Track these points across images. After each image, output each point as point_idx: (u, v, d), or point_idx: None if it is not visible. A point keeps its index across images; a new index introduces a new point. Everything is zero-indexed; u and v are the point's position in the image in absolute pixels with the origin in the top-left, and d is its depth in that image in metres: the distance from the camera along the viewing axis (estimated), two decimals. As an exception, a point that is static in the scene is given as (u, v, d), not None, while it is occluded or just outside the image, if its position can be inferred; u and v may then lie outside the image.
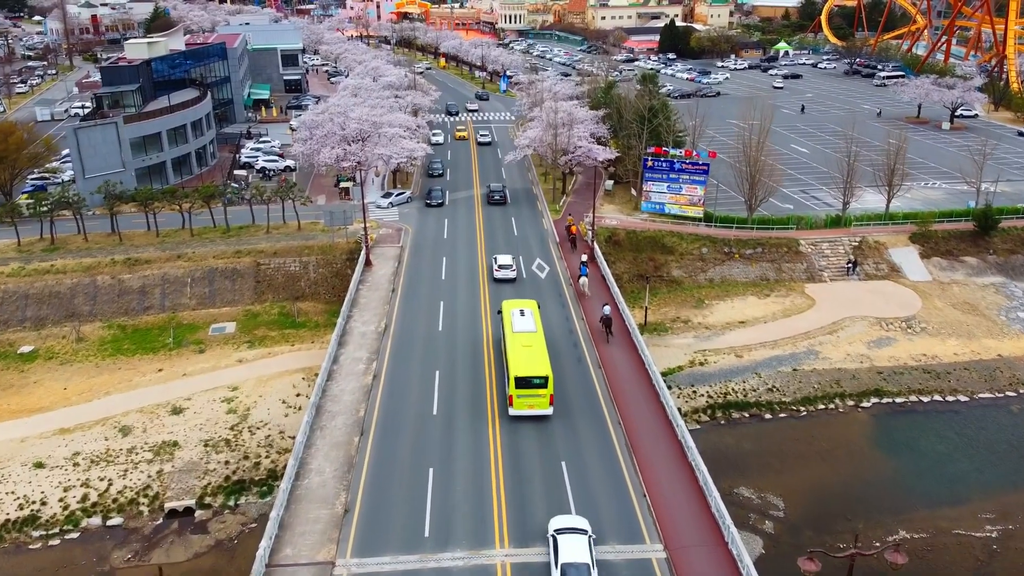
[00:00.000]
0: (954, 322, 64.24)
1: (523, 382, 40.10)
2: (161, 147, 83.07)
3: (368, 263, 62.98)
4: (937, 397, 55.01)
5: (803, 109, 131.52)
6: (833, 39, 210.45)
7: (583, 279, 58.56)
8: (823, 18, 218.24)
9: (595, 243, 65.27)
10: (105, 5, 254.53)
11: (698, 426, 50.27)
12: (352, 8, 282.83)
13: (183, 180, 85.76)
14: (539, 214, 76.94)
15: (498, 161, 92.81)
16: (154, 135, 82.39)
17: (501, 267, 60.26)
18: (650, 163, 74.31)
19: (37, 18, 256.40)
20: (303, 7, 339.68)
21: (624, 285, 66.53)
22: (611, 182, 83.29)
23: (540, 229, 72.63)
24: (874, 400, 54.23)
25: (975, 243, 74.94)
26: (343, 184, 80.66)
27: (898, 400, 54.42)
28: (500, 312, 48.20)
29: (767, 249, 71.92)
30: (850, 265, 71.42)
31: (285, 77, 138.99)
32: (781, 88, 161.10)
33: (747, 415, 52.09)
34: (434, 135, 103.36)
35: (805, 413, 52.65)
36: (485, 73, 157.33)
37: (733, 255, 71.13)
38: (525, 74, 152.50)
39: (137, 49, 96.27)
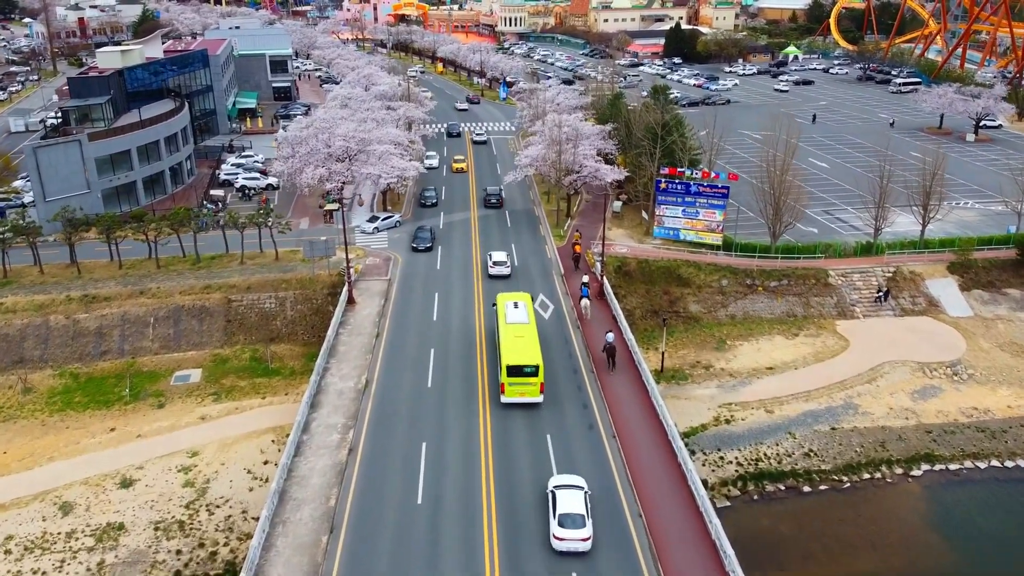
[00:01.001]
0: (1004, 367, 57.61)
1: (515, 370, 41.62)
2: (131, 166, 76.39)
3: (351, 301, 56.35)
4: (995, 462, 48.33)
5: (815, 119, 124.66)
6: (843, 43, 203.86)
7: (584, 301, 54.17)
8: (832, 21, 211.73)
9: (604, 278, 58.58)
10: (95, 7, 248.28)
11: (728, 503, 43.60)
12: (349, 10, 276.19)
13: (156, 200, 79.14)
14: (541, 239, 70.26)
15: (498, 178, 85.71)
16: (123, 153, 75.71)
17: (496, 263, 61.45)
18: (663, 185, 67.67)
19: (27, 20, 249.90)
20: (299, 9, 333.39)
21: (636, 322, 60.04)
22: (619, 203, 76.64)
23: (543, 258, 65.97)
24: (925, 467, 47.50)
25: (1018, 273, 68.29)
26: (328, 206, 74.02)
27: (952, 467, 47.71)
28: (495, 305, 50.25)
29: (793, 281, 65.27)
30: (881, 294, 64.91)
31: (274, 84, 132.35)
32: (785, 92, 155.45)
33: (783, 487, 45.38)
34: (428, 157, 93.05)
35: (849, 484, 45.94)
36: (484, 80, 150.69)
37: (756, 288, 64.49)
38: (526, 80, 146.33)
39: (109, 58, 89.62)
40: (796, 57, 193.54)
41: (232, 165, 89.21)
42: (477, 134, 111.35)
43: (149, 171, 78.62)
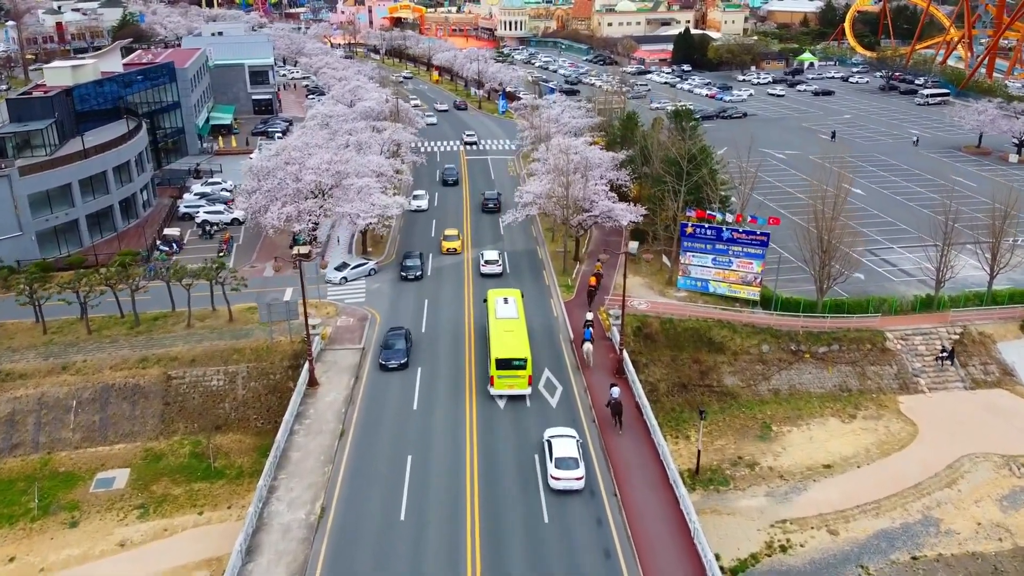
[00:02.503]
0: (1107, 459, 47.46)
1: (504, 363, 43.29)
2: (72, 201, 66.12)
3: (312, 382, 46.07)
4: None
5: (834, 136, 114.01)
6: (861, 49, 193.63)
7: (587, 345, 48.41)
8: (847, 25, 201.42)
9: (624, 351, 48.18)
10: (77, 11, 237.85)
11: None
12: (343, 12, 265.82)
13: (103, 239, 68.94)
14: (545, 292, 59.88)
15: (495, 221, 73.76)
16: (63, 187, 65.50)
17: (488, 262, 61.38)
18: (690, 230, 57.43)
19: (12, 23, 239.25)
20: (292, 11, 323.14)
21: (661, 399, 50.01)
22: (635, 243, 66.27)
23: (548, 317, 55.60)
24: (1039, 617, 37.42)
25: (1106, 333, 58.17)
26: (297, 249, 63.78)
27: (1073, 615, 37.60)
28: (485, 300, 51.75)
29: (845, 346, 55.06)
30: (945, 355, 54.88)
31: (254, 97, 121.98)
32: (781, 96, 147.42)
33: (863, 657, 35.25)
34: (416, 197, 78.05)
35: (947, 648, 35.81)
36: (482, 91, 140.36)
37: (802, 355, 54.27)
38: (527, 91, 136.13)
39: (59, 75, 79.50)
40: (812, 64, 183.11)
41: (195, 195, 78.93)
42: (467, 134, 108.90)
43: (95, 206, 68.34)
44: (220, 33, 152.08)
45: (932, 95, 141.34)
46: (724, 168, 66.02)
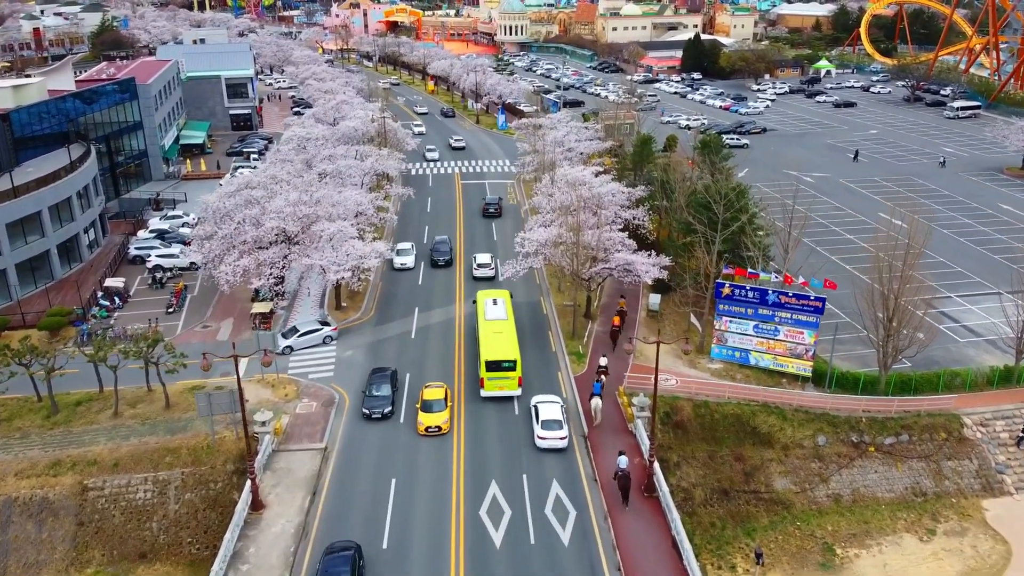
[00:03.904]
0: None
1: (493, 365, 43.47)
2: (-4, 249, 56.59)
3: (256, 505, 36.27)
4: None
5: (857, 156, 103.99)
6: (878, 56, 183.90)
7: (595, 401, 43.12)
8: (863, 30, 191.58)
9: (655, 462, 38.21)
10: (59, 15, 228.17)
11: None
12: (338, 16, 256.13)
13: (37, 289, 59.27)
14: (551, 362, 49.79)
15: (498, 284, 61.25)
16: (-16, 233, 55.96)
17: (480, 265, 60.70)
18: (727, 290, 47.67)
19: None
20: (286, 14, 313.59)
21: (697, 510, 40.42)
22: (657, 297, 56.40)
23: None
24: None
25: None
26: (257, 308, 54.01)
27: None
28: (475, 301, 51.87)
29: (916, 435, 45.35)
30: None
31: (232, 111, 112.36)
32: (773, 102, 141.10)
33: None
34: (401, 252, 64.00)
35: None
36: (480, 104, 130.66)
37: (866, 448, 44.57)
38: (528, 103, 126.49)
39: (-3, 95, 69.69)
40: (829, 72, 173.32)
41: (150, 232, 69.16)
42: (455, 138, 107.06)
43: (25, 253, 58.66)
44: (202, 40, 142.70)
45: (962, 108, 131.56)
46: (763, 209, 56.09)
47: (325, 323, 52.71)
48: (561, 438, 39.96)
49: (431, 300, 58.27)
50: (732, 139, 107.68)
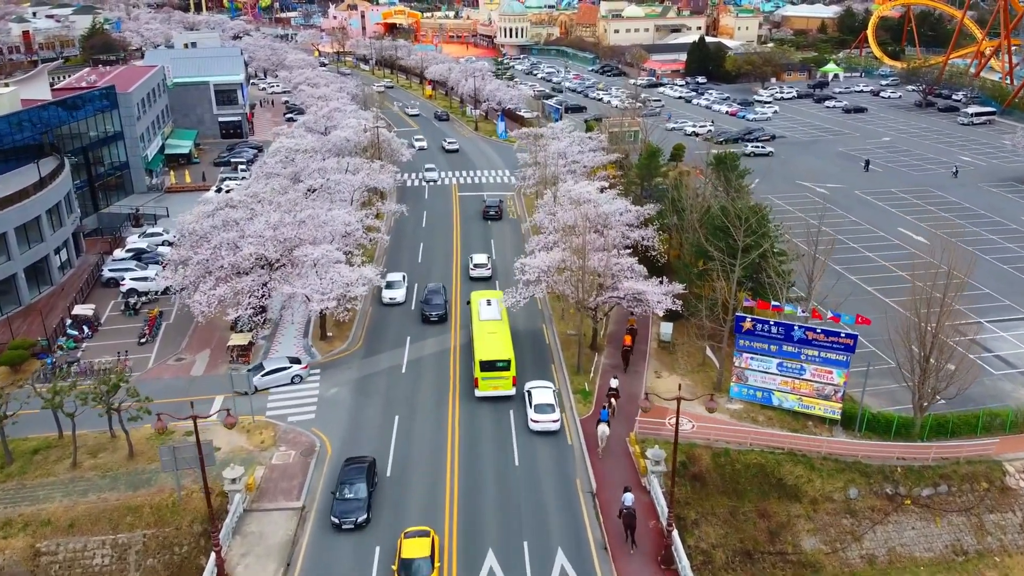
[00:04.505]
0: None
1: (488, 365, 43.86)
2: (-47, 274, 52.48)
3: (226, 578, 32.14)
4: None
5: (867, 165, 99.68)
6: (886, 59, 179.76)
7: (602, 428, 40.69)
8: (870, 32, 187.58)
9: (674, 530, 33.89)
10: (51, 17, 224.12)
11: None
12: (335, 17, 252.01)
13: (2, 316, 55.15)
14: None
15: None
16: (-57, 257, 51.87)
17: (476, 266, 60.88)
18: (748, 325, 43.48)
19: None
20: (283, 16, 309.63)
21: (718, 575, 35.88)
22: (668, 326, 52.19)
23: (558, 447, 41.44)
24: None
25: None
26: (233, 340, 49.80)
27: None
28: (468, 302, 52.28)
29: (955, 485, 41.19)
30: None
31: (220, 119, 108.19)
32: (769, 104, 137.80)
33: None
34: (391, 285, 58.13)
35: None
36: (479, 111, 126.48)
37: (901, 500, 40.41)
38: (529, 109, 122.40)
39: (-35, 105, 65.59)
40: (836, 76, 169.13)
41: (127, 251, 65.00)
42: (449, 141, 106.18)
43: (-11, 278, 54.68)
44: (193, 44, 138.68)
45: (977, 114, 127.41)
46: (784, 233, 51.79)
47: (296, 360, 48.16)
48: (554, 420, 41.45)
49: (424, 329, 54.05)
50: (758, 147, 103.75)
